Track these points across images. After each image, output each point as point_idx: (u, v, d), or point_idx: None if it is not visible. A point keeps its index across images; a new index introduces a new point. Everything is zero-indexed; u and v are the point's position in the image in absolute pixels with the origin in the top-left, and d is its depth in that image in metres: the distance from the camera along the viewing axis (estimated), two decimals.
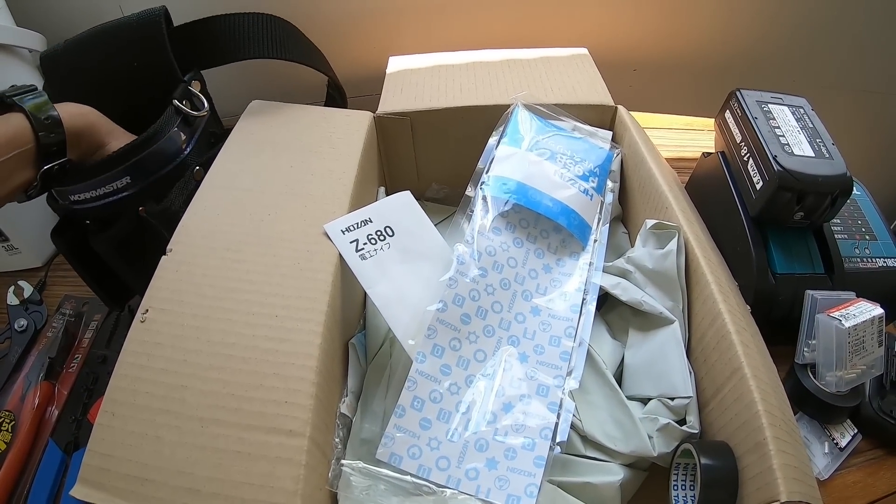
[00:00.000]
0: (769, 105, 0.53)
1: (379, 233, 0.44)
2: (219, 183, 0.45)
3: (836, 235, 0.54)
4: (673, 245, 0.43)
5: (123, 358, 0.35)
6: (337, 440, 0.38)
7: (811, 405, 0.49)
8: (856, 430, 0.50)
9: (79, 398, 0.51)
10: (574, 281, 0.45)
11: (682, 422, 0.40)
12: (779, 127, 0.51)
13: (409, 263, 0.43)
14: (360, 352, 0.44)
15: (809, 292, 0.49)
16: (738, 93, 0.53)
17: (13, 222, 0.61)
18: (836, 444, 0.50)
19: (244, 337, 0.36)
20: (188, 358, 0.35)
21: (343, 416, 0.39)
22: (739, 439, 0.37)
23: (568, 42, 0.65)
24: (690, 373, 0.41)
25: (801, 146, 0.50)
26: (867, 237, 0.56)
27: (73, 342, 0.56)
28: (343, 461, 0.36)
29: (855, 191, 0.60)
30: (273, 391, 0.34)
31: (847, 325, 0.47)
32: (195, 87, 0.51)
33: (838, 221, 0.56)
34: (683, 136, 0.70)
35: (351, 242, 0.42)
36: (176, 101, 0.48)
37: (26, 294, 0.59)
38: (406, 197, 0.47)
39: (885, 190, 1.11)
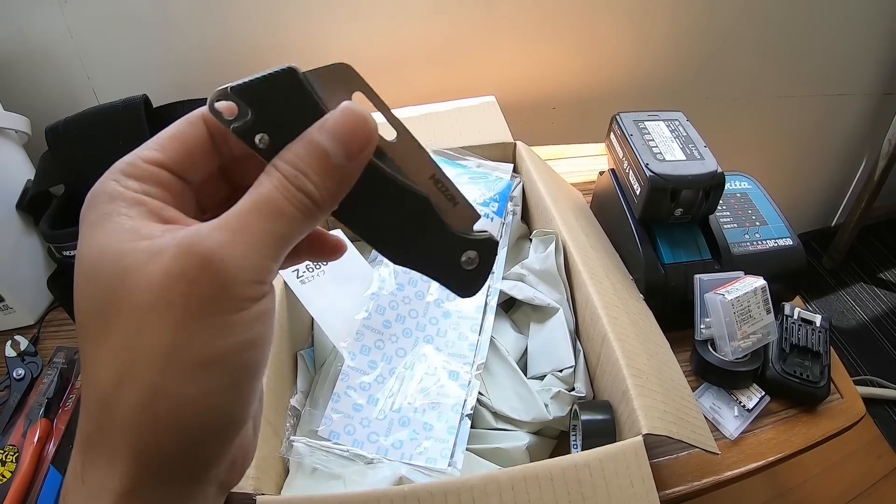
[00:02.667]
0: (645, 122, 0.63)
1: (315, 263, 0.55)
2: None
3: (725, 226, 0.64)
4: (552, 247, 0.53)
5: None
6: (288, 425, 0.48)
7: (714, 375, 0.57)
8: (763, 393, 0.57)
9: (75, 430, 0.61)
10: None
11: (571, 389, 0.48)
12: (652, 139, 0.61)
13: (340, 284, 0.54)
14: (309, 362, 0.54)
15: (697, 276, 0.58)
16: (617, 116, 0.64)
17: (7, 285, 0.71)
18: (744, 406, 0.57)
19: None
20: None
21: (293, 407, 0.49)
22: (612, 393, 0.46)
23: (490, 90, 0.79)
24: (579, 349, 0.50)
25: (673, 152, 0.60)
26: (757, 223, 0.65)
27: (68, 385, 0.66)
28: (293, 437, 0.45)
29: (745, 185, 0.70)
30: None
31: (730, 297, 0.55)
32: None
33: (728, 213, 0.66)
34: (597, 163, 0.81)
35: (293, 271, 0.53)
36: None
37: (22, 347, 0.68)
38: (337, 233, 0.58)
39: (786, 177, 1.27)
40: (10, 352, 0.68)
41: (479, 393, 0.50)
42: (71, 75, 0.79)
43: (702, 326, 0.58)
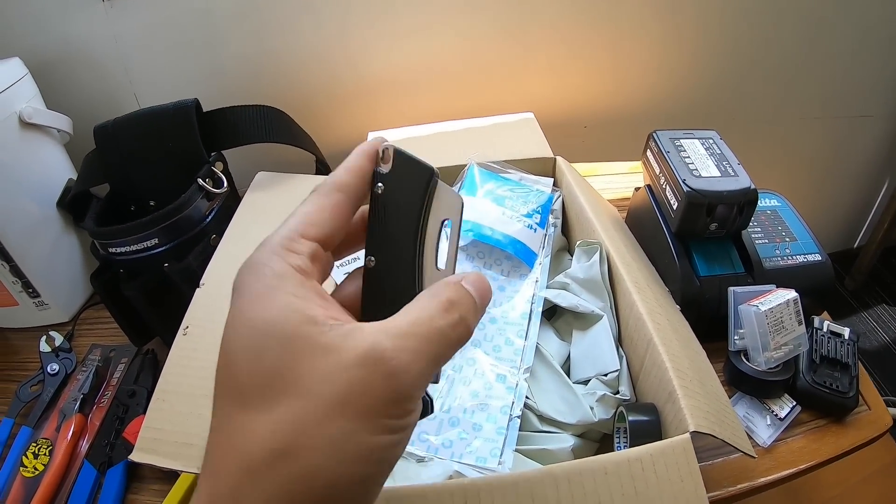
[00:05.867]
0: (681, 140, 0.67)
1: None
2: (237, 235, 0.61)
3: (756, 241, 0.68)
4: (596, 257, 0.57)
5: (170, 360, 0.49)
6: None
7: (748, 384, 0.61)
8: (794, 403, 0.61)
9: (111, 426, 0.64)
10: (523, 295, 0.59)
11: (616, 392, 0.52)
12: (689, 156, 0.65)
13: None
14: None
15: (731, 288, 0.62)
16: (654, 134, 0.69)
17: (44, 281, 0.75)
18: (777, 415, 0.60)
19: None
20: None
21: None
22: (657, 395, 0.49)
23: (523, 108, 0.84)
24: (622, 354, 0.54)
25: (709, 169, 0.64)
26: (787, 239, 0.69)
27: (103, 382, 0.69)
28: None
29: (775, 202, 0.74)
30: None
31: (764, 308, 0.59)
32: (218, 168, 0.68)
33: (759, 229, 0.70)
34: (629, 179, 0.86)
35: (345, 275, 0.57)
36: (200, 180, 0.65)
37: (57, 343, 0.72)
38: None
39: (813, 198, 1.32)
40: (44, 347, 0.71)
41: (526, 396, 0.54)
42: (113, 79, 0.83)
43: (735, 337, 0.62)
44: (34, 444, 0.62)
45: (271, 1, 0.80)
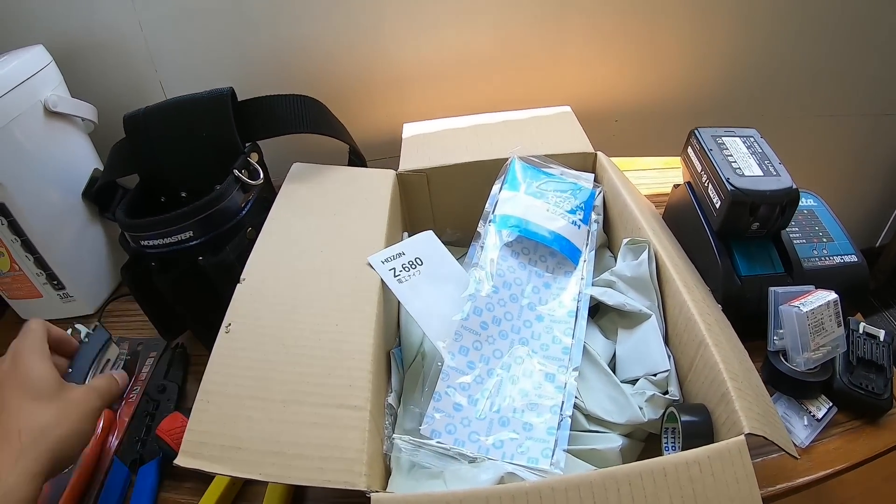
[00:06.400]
0: (722, 138, 0.67)
1: (411, 262, 0.58)
2: (276, 228, 0.60)
3: (795, 241, 0.68)
4: (644, 255, 0.57)
5: (213, 360, 0.48)
6: (387, 423, 0.50)
7: (786, 384, 0.61)
8: (831, 404, 0.61)
9: (141, 422, 0.63)
10: (569, 293, 0.59)
11: (665, 392, 0.52)
12: (731, 155, 0.65)
13: (436, 285, 0.57)
14: (398, 361, 0.57)
15: (772, 289, 0.62)
16: (696, 131, 0.68)
17: (70, 273, 0.74)
18: (814, 416, 0.61)
19: (312, 340, 0.49)
20: (268, 357, 0.48)
21: (390, 405, 0.52)
22: (710, 396, 0.50)
23: (556, 100, 0.83)
24: (669, 354, 0.54)
25: (751, 168, 0.64)
26: (824, 240, 0.69)
27: (131, 377, 0.68)
28: (394, 435, 0.48)
29: (812, 202, 0.74)
30: (340, 378, 0.47)
31: (805, 310, 0.59)
32: (253, 159, 0.67)
33: (797, 229, 0.70)
34: (661, 175, 0.86)
35: (389, 270, 0.56)
36: (236, 171, 0.64)
37: (82, 336, 0.70)
38: (429, 235, 0.61)
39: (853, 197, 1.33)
40: None
41: (574, 395, 0.54)
42: (139, 67, 0.81)
43: (775, 338, 0.62)
44: None
45: None
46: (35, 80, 0.69)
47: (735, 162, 0.65)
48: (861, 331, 0.66)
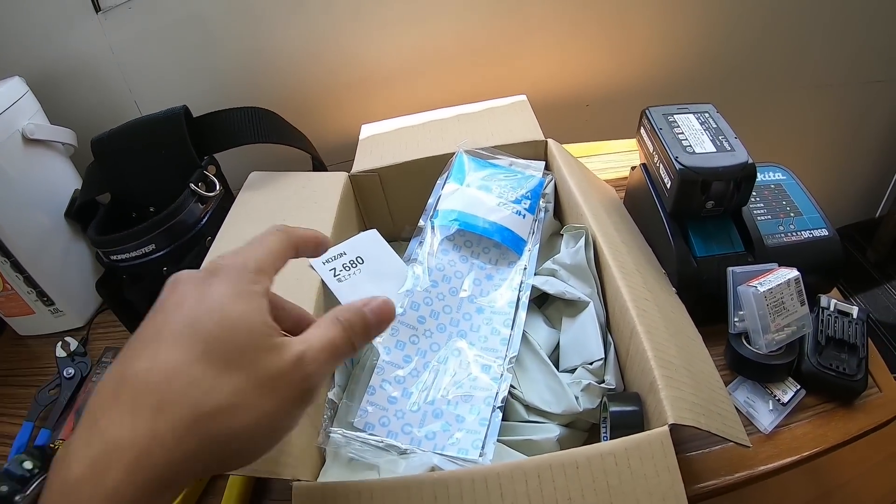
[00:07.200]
0: (675, 116, 0.66)
1: (352, 262, 0.59)
2: (229, 234, 0.63)
3: (758, 218, 0.66)
4: (581, 242, 0.56)
5: None
6: (325, 417, 0.52)
7: (749, 369, 0.60)
8: (798, 387, 0.59)
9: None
10: (510, 283, 0.59)
11: (601, 382, 0.51)
12: (682, 132, 0.63)
13: (375, 282, 0.58)
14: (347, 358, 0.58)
15: (730, 269, 0.60)
16: (646, 111, 0.67)
17: (58, 289, 0.78)
18: (779, 400, 0.58)
19: None
20: None
21: (331, 400, 0.54)
22: (640, 384, 0.49)
23: (523, 90, 0.82)
24: (611, 342, 0.53)
25: (703, 145, 0.62)
26: (792, 214, 0.67)
27: None
28: (329, 428, 0.49)
29: (780, 176, 0.72)
30: None
31: (763, 289, 0.57)
32: (210, 171, 0.70)
33: (762, 205, 0.68)
34: (631, 157, 0.83)
35: (330, 270, 0.58)
36: (192, 185, 0.66)
37: (72, 348, 0.75)
38: (372, 234, 0.62)
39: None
40: (60, 352, 0.75)
41: (512, 386, 0.54)
42: (113, 89, 0.85)
43: (735, 319, 0.60)
44: (52, 446, 0.64)
45: (261, 1, 0.81)
46: (12, 111, 0.73)
47: (686, 139, 0.63)
48: (832, 308, 0.63)
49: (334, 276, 0.59)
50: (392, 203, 0.73)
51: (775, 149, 1.09)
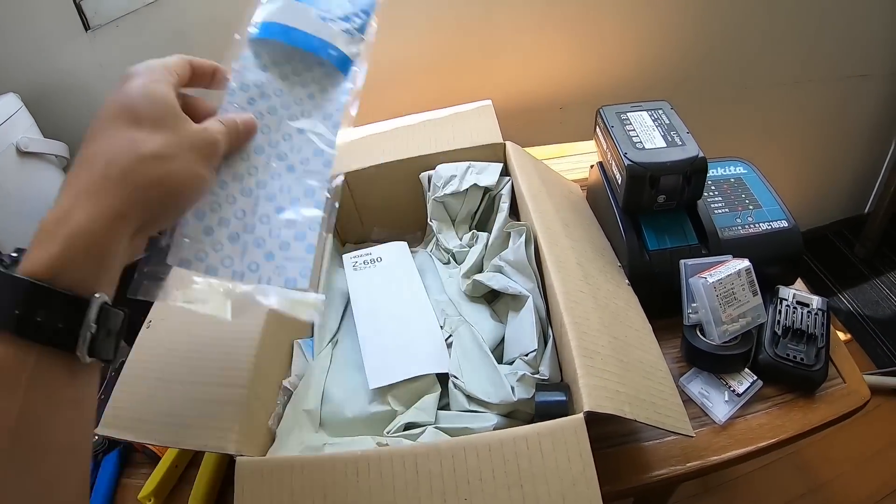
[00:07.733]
0: (628, 113, 0.67)
1: (373, 260, 0.70)
2: None
3: (715, 211, 0.66)
4: (521, 239, 0.57)
5: (134, 350, 0.56)
6: (279, 401, 0.56)
7: (703, 360, 0.60)
8: (755, 378, 0.59)
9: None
10: (333, 104, 0.53)
11: (535, 372, 0.52)
12: (633, 129, 0.64)
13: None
14: (308, 351, 0.61)
15: (682, 261, 0.60)
16: (600, 110, 0.68)
17: None
18: (734, 391, 0.58)
19: (212, 332, 0.55)
20: (177, 348, 0.55)
21: (285, 388, 0.57)
22: (567, 375, 0.50)
23: (495, 96, 0.83)
24: (549, 335, 0.54)
25: (654, 140, 0.63)
26: (750, 207, 0.67)
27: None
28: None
29: (741, 170, 0.72)
30: (228, 363, 0.52)
31: (712, 280, 0.57)
32: None
33: (719, 199, 0.68)
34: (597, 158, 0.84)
35: (352, 260, 0.67)
36: None
37: None
38: (402, 245, 0.67)
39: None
40: None
41: (455, 377, 0.55)
42: (103, 103, 0.90)
43: (689, 311, 0.61)
44: None
45: (238, 18, 0.84)
46: (6, 125, 0.79)
47: (637, 136, 0.64)
48: (791, 299, 0.63)
49: (353, 267, 0.65)
50: (360, 207, 0.76)
51: (759, 147, 1.08)
